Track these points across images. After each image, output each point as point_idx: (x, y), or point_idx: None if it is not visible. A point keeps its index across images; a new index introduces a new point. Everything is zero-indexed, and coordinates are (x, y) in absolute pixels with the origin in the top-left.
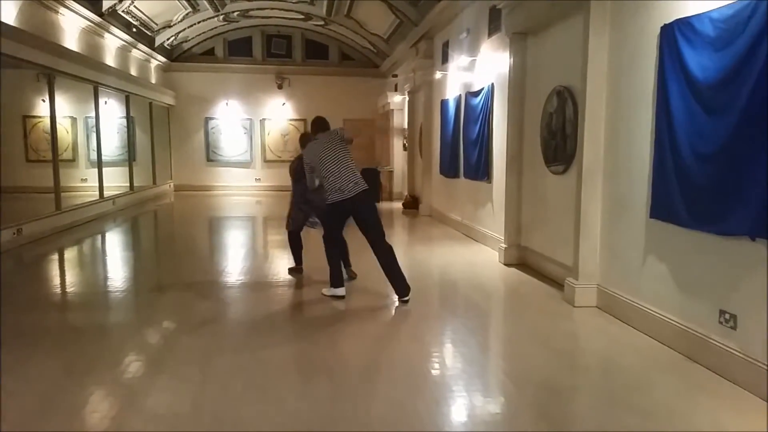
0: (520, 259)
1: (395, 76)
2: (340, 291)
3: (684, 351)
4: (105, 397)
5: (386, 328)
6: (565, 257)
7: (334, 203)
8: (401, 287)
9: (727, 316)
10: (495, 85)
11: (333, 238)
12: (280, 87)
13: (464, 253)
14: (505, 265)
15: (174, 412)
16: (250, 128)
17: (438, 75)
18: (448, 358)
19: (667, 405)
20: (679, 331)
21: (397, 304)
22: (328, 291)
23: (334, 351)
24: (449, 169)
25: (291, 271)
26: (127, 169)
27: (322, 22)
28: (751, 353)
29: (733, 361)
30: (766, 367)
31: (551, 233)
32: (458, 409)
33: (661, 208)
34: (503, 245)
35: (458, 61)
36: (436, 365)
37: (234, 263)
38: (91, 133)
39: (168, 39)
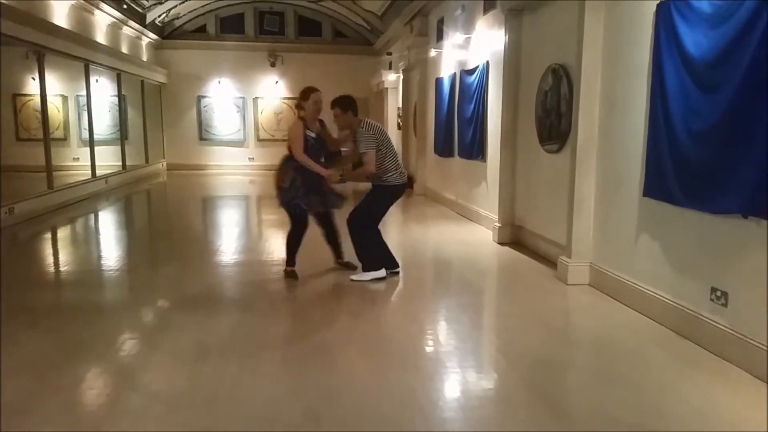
0: (514, 237)
1: (389, 54)
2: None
3: (675, 328)
4: (101, 375)
5: (380, 306)
6: (559, 236)
7: (396, 185)
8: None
9: (718, 293)
10: (490, 63)
11: (376, 223)
12: (273, 65)
13: (458, 232)
14: (498, 243)
15: (169, 389)
16: (242, 107)
17: (433, 53)
18: (441, 335)
19: (658, 380)
20: (670, 308)
21: (391, 281)
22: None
23: (329, 328)
24: (444, 148)
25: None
26: (119, 148)
27: None
28: (741, 330)
29: (724, 337)
30: (756, 343)
31: (545, 212)
32: (451, 385)
33: (655, 187)
34: (497, 224)
35: (453, 38)
36: (430, 342)
37: (228, 242)
38: (82, 111)
39: (159, 16)
